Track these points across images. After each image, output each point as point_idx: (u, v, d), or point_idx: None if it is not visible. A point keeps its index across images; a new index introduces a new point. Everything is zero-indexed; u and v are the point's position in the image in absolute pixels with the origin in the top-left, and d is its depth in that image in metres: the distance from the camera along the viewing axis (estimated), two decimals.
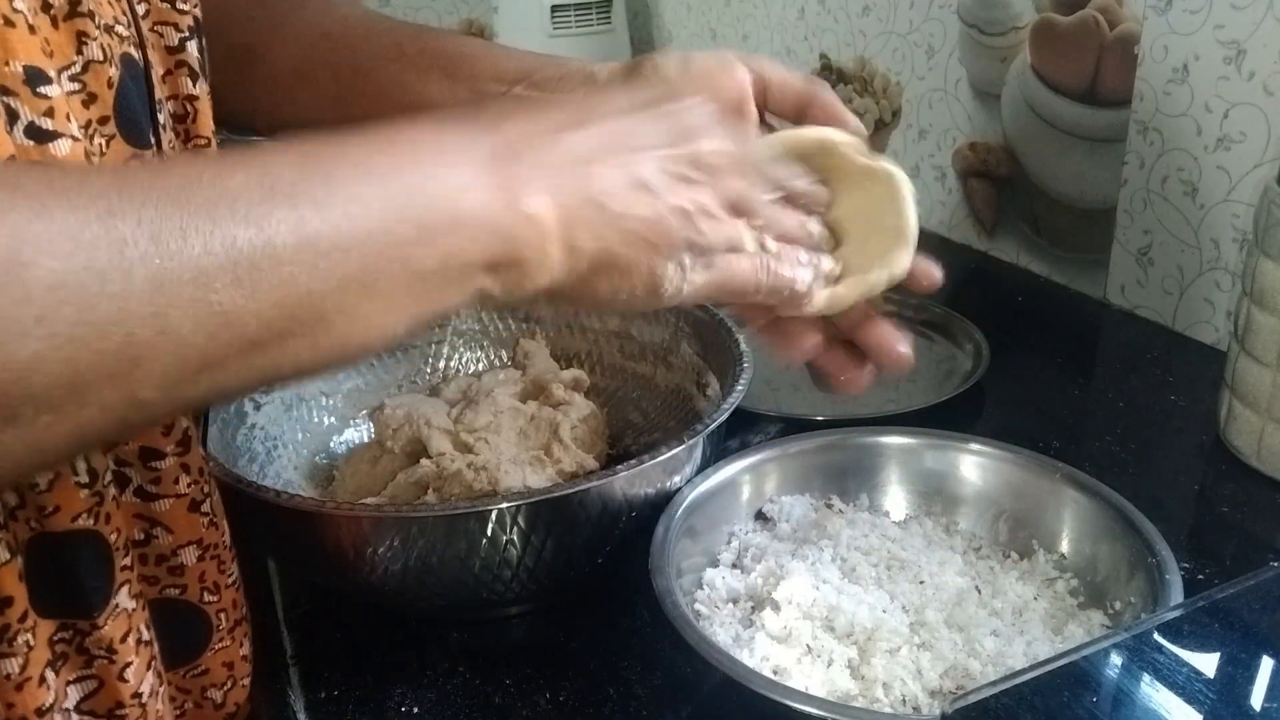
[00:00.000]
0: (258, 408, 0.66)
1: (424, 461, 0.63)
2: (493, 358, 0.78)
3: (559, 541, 0.53)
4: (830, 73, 1.26)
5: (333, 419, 0.72)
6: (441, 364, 0.77)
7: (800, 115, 0.51)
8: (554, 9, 1.47)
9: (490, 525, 0.51)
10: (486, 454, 0.63)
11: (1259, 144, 0.79)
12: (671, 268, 0.41)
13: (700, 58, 0.50)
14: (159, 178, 0.31)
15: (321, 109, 0.55)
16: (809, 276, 0.46)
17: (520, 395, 0.71)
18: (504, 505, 0.50)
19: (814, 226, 0.47)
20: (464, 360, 0.77)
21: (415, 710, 0.53)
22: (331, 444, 0.71)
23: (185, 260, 0.29)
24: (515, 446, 0.65)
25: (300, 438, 0.69)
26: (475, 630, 0.59)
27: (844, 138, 0.48)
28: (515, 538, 0.51)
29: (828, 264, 0.47)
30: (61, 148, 0.36)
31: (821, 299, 0.47)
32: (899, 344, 0.50)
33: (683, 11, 1.58)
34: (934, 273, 0.49)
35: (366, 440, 0.71)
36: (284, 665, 0.57)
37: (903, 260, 0.48)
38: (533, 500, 0.51)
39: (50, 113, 0.36)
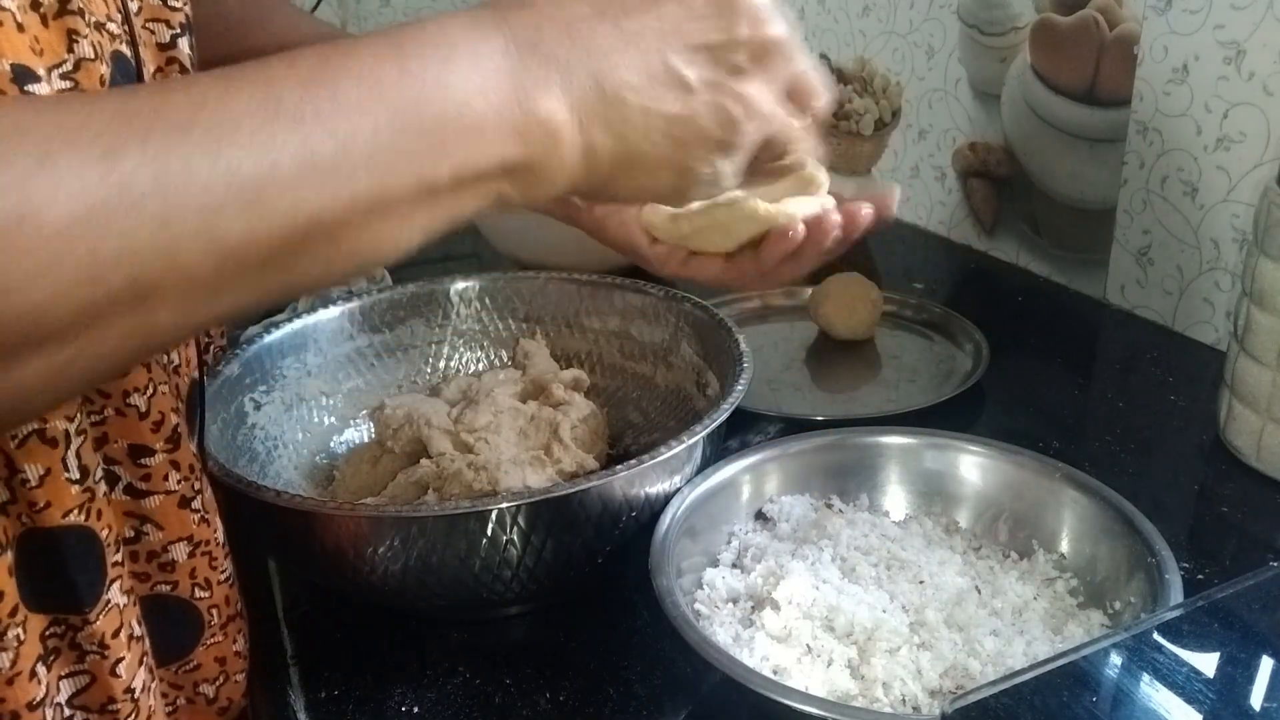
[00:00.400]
0: (258, 408, 0.66)
1: (424, 461, 0.64)
2: (493, 358, 0.78)
3: (559, 541, 0.53)
4: (830, 73, 1.26)
5: (333, 419, 0.72)
6: (441, 364, 0.77)
7: None
8: None
9: (490, 525, 0.51)
10: (486, 454, 0.63)
11: (1259, 144, 0.79)
12: (704, 170, 0.39)
13: None
14: (163, 106, 0.30)
15: None
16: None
17: (520, 395, 0.71)
18: (504, 505, 0.50)
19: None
20: (464, 360, 0.77)
21: (415, 710, 0.53)
22: (331, 444, 0.71)
23: (190, 194, 0.29)
24: (515, 446, 0.65)
25: (300, 438, 0.69)
26: (475, 630, 0.59)
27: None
28: (515, 538, 0.51)
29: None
30: None
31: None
32: (883, 201, 0.52)
33: None
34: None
35: (366, 440, 0.71)
36: (284, 665, 0.57)
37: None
38: (533, 500, 0.51)
39: None
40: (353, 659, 0.56)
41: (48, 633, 0.41)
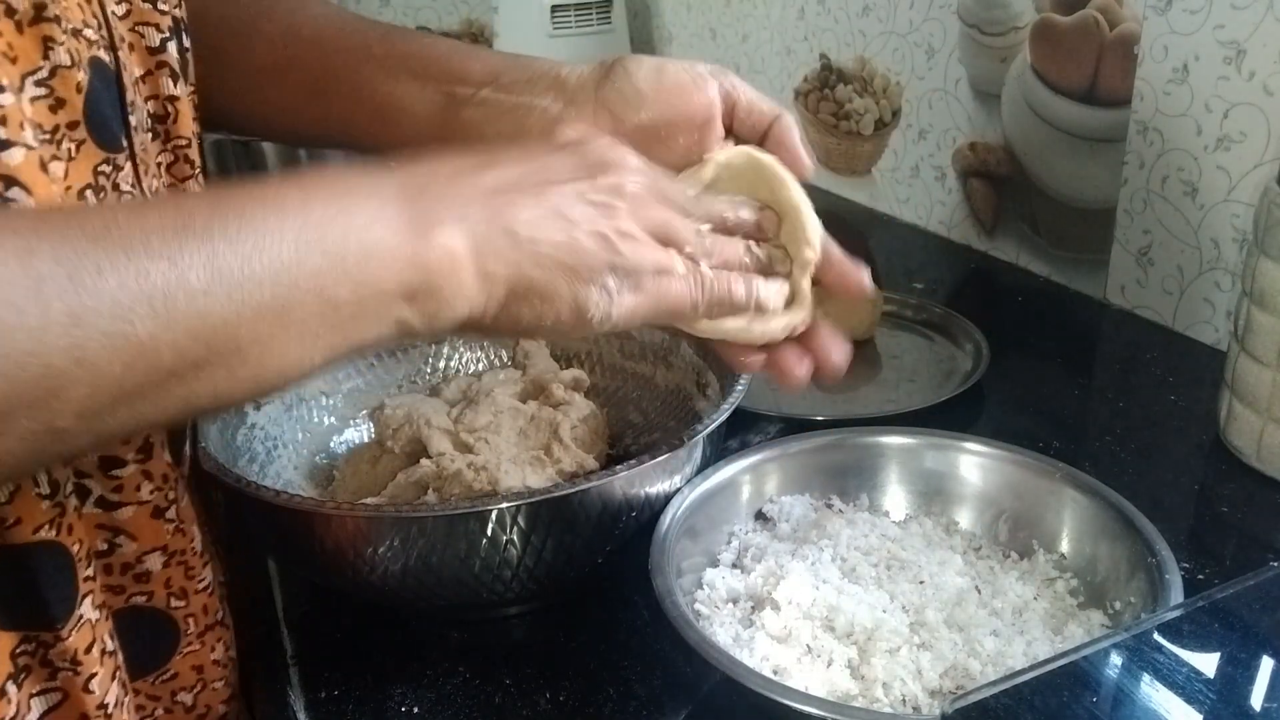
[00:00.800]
0: (258, 408, 0.66)
1: (424, 461, 0.63)
2: (493, 358, 0.78)
3: (559, 541, 0.53)
4: (830, 73, 1.26)
5: (333, 419, 0.72)
6: (441, 364, 0.77)
7: (762, 140, 0.52)
8: (554, 9, 1.47)
9: (490, 525, 0.51)
10: (486, 454, 0.63)
11: (1259, 144, 0.79)
12: (595, 292, 0.42)
13: (674, 69, 0.50)
14: (77, 220, 0.32)
15: (294, 108, 0.55)
16: (749, 292, 0.47)
17: (520, 395, 0.71)
18: (504, 505, 0.50)
19: (759, 251, 0.49)
20: (464, 360, 0.77)
21: (415, 710, 0.53)
22: (331, 444, 0.71)
23: (101, 294, 0.31)
24: (515, 446, 0.65)
25: (300, 438, 0.69)
26: (475, 630, 0.59)
27: (768, 158, 0.49)
28: (515, 538, 0.51)
29: (773, 286, 0.49)
30: (14, 156, 0.36)
31: (777, 324, 0.49)
32: (834, 353, 0.52)
33: (683, 11, 1.58)
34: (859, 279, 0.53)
35: (366, 440, 0.71)
36: (284, 665, 0.57)
37: (803, 311, 0.51)
38: (533, 500, 0.51)
39: (3, 121, 0.36)
40: (353, 659, 0.56)
41: (18, 650, 0.41)
